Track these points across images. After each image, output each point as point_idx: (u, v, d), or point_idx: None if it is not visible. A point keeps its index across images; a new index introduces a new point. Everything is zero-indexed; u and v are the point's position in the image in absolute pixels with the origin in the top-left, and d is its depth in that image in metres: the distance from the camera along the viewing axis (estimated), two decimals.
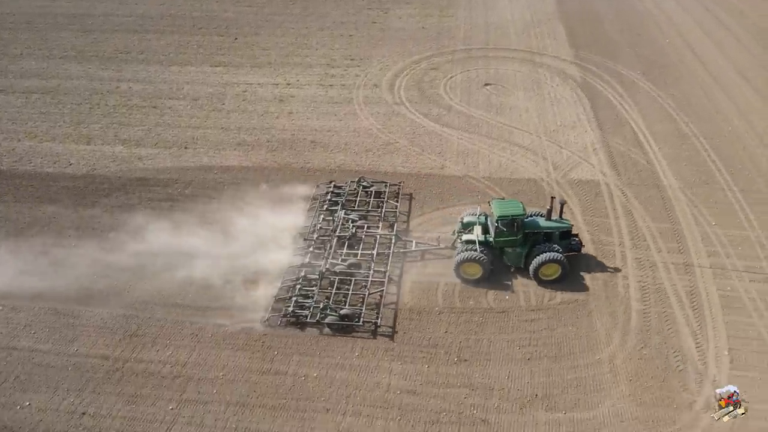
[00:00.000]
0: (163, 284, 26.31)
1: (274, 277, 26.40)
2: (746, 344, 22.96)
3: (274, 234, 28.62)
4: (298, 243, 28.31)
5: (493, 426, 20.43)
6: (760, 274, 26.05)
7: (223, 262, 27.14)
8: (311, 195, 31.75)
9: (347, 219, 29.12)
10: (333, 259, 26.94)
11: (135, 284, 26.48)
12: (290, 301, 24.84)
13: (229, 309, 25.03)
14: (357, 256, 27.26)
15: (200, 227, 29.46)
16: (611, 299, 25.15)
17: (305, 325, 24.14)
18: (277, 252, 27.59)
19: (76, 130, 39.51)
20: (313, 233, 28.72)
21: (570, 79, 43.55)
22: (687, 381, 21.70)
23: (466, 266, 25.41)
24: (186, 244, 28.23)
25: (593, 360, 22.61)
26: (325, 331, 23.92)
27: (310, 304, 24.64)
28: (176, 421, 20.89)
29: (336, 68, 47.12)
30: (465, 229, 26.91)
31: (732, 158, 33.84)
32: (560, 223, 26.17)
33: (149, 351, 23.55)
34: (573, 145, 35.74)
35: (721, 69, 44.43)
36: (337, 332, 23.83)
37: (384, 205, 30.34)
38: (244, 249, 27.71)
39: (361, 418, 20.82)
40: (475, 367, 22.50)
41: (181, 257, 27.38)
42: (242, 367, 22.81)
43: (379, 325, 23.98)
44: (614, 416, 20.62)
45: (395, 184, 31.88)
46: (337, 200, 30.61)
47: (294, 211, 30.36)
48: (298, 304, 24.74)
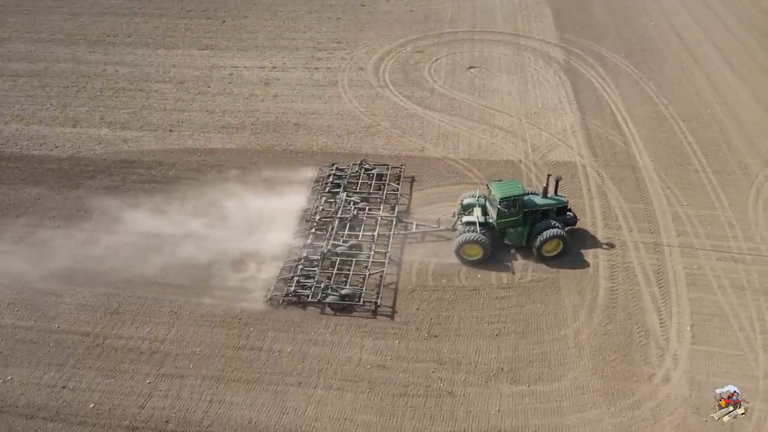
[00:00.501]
0: (145, 264, 26.86)
1: (263, 259, 26.78)
2: (708, 320, 23.63)
3: (260, 216, 29.04)
4: (286, 224, 28.69)
5: (459, 398, 21.15)
6: (727, 253, 26.65)
7: (206, 243, 27.65)
8: (313, 177, 32.07)
9: (349, 201, 29.51)
10: (334, 240, 27.34)
11: (117, 264, 27.04)
12: (292, 281, 25.30)
13: (211, 289, 25.58)
14: (358, 237, 27.70)
15: (183, 209, 29.96)
16: (580, 277, 25.78)
17: (306, 305, 24.61)
18: (267, 234, 27.99)
19: (63, 113, 39.87)
20: (315, 215, 29.08)
21: (554, 62, 43.81)
22: (648, 355, 22.39)
23: (467, 248, 25.87)
24: (168, 225, 28.78)
25: (559, 335, 23.28)
26: (327, 310, 24.39)
27: (311, 284, 25.10)
28: (153, 395, 21.60)
29: (322, 51, 47.32)
30: (465, 211, 27.34)
31: (708, 141, 34.28)
32: (556, 200, 26.75)
33: (129, 328, 24.21)
34: (553, 127, 36.15)
35: (706, 53, 44.65)
36: (337, 312, 24.32)
37: (385, 188, 30.70)
38: (230, 231, 28.17)
39: (331, 391, 21.53)
40: (444, 342, 23.17)
41: (164, 238, 27.92)
42: (219, 343, 23.49)
43: (379, 305, 24.47)
44: (576, 388, 21.34)
45: (397, 166, 32.33)
46: (340, 182, 30.97)
47: (279, 194, 30.73)
48: (300, 284, 25.20)
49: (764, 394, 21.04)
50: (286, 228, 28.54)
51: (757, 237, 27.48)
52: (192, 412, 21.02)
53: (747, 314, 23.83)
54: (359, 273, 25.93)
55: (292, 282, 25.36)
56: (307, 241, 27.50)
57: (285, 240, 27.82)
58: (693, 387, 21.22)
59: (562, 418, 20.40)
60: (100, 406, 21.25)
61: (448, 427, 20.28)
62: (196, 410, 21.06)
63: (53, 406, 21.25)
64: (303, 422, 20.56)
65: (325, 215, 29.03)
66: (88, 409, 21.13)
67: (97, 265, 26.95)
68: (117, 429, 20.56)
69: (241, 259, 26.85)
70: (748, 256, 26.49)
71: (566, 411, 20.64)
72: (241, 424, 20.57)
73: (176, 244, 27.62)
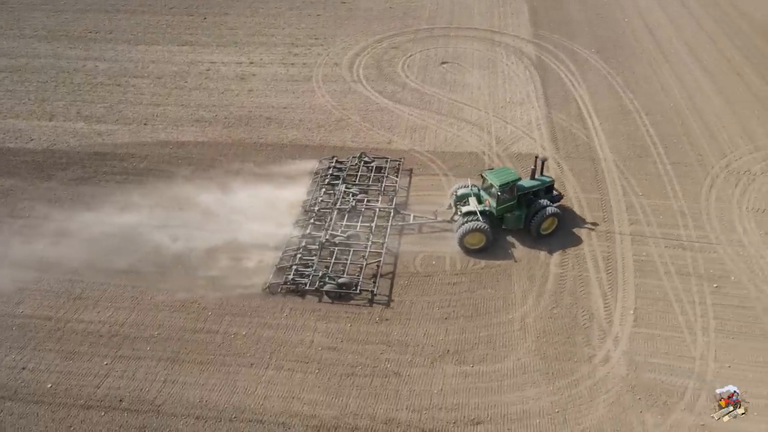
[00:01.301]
0: (110, 252, 27.48)
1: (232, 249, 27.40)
2: (652, 304, 24.34)
3: (227, 207, 29.73)
4: (249, 215, 29.27)
5: (404, 378, 21.85)
6: (676, 241, 27.37)
7: (173, 232, 28.31)
8: (313, 170, 32.58)
9: (348, 192, 30.12)
10: (333, 230, 27.96)
11: (83, 252, 27.64)
12: (290, 270, 25.81)
13: (175, 276, 26.26)
14: (356, 228, 28.31)
15: (152, 199, 30.64)
16: (532, 264, 26.49)
17: (305, 293, 25.15)
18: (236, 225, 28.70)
19: (40, 107, 40.55)
20: (314, 206, 29.66)
21: (525, 58, 44.51)
22: (591, 337, 23.11)
23: (469, 237, 26.49)
24: (136, 215, 29.48)
25: (506, 319, 23.99)
26: (324, 299, 24.94)
27: (309, 273, 25.67)
28: (109, 375, 22.29)
29: (300, 47, 48.01)
30: (460, 202, 28.06)
31: (669, 133, 34.99)
32: (544, 180, 27.88)
33: (90, 312, 24.91)
34: (518, 120, 36.85)
35: (675, 49, 45.37)
36: (335, 300, 24.85)
37: (384, 180, 31.32)
38: (198, 222, 28.88)
39: (282, 372, 22.23)
40: (394, 326, 23.87)
41: (132, 227, 28.61)
42: (177, 327, 24.18)
43: (376, 294, 25.07)
44: (518, 368, 22.04)
45: (396, 160, 32.96)
46: (339, 174, 31.62)
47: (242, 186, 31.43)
48: (298, 272, 25.73)
49: (700, 374, 21.72)
50: (254, 218, 29.12)
51: (707, 226, 28.18)
52: (146, 391, 21.69)
53: (689, 299, 24.54)
54: (356, 262, 26.45)
55: (290, 270, 25.79)
56: (306, 231, 27.96)
57: (256, 229, 28.35)
58: (630, 367, 21.93)
59: (501, 396, 21.10)
60: (57, 386, 21.92)
61: (391, 405, 20.96)
62: (150, 389, 21.74)
63: (12, 386, 21.92)
64: (252, 401, 21.24)
65: (324, 206, 29.48)
66: (45, 389, 21.80)
67: (63, 253, 27.58)
68: (72, 408, 21.21)
69: (209, 248, 27.36)
70: (696, 244, 27.20)
71: (506, 390, 21.33)
72: (192, 403, 21.25)
73: (143, 233, 28.28)
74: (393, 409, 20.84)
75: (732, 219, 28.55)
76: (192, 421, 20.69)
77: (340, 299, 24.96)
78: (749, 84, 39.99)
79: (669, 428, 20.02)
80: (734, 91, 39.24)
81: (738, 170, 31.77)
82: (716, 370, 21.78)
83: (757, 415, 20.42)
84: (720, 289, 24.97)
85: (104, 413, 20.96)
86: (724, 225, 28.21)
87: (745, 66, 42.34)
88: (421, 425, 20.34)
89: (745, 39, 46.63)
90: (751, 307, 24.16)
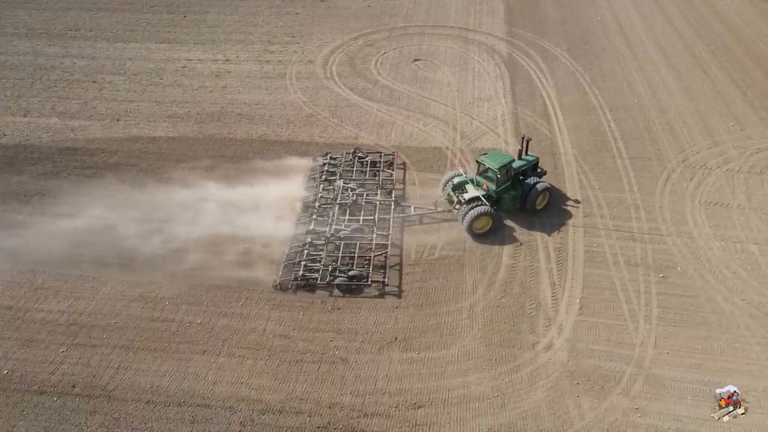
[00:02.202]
0: (75, 245, 27.99)
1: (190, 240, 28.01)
2: (598, 293, 24.94)
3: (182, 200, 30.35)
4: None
5: (351, 364, 22.43)
6: (627, 233, 27.97)
7: (141, 225, 28.87)
8: (309, 166, 32.95)
9: (346, 188, 30.46)
10: (336, 225, 28.30)
11: (47, 244, 28.18)
12: (299, 265, 26.07)
13: (136, 267, 26.81)
14: (359, 221, 28.74)
15: (121, 193, 31.21)
16: (485, 255, 27.07)
17: (315, 288, 25.50)
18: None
19: (16, 104, 41.04)
20: (314, 202, 29.97)
21: (497, 55, 45.09)
22: (536, 325, 23.69)
23: (477, 222, 27.26)
24: (103, 208, 30.04)
25: (455, 308, 24.56)
26: (335, 292, 25.29)
27: (319, 267, 26.05)
28: (64, 362, 22.83)
29: (276, 45, 48.55)
30: (457, 190, 28.78)
31: (630, 129, 35.59)
32: (531, 158, 29.42)
33: (50, 302, 25.43)
34: (484, 116, 37.44)
35: (644, 46, 45.97)
36: (345, 293, 25.26)
37: (380, 174, 31.83)
38: (164, 215, 29.45)
39: (233, 358, 22.80)
40: (346, 314, 24.43)
41: (96, 219, 29.20)
42: (133, 316, 24.72)
43: (387, 284, 25.51)
44: (462, 355, 22.62)
45: (389, 154, 33.50)
46: (335, 170, 31.97)
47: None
48: (307, 267, 26.03)
49: (639, 360, 22.32)
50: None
51: (659, 218, 28.78)
52: (99, 377, 22.24)
53: (635, 288, 25.14)
54: (363, 255, 26.86)
55: (300, 266, 26.04)
56: (310, 227, 28.21)
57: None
58: (572, 354, 22.51)
59: (444, 381, 21.68)
60: (13, 373, 22.46)
61: (336, 390, 21.54)
62: (103, 376, 22.29)
63: None
64: (202, 386, 21.80)
65: (324, 202, 29.77)
66: (1, 375, 22.35)
67: (27, 245, 28.11)
68: (26, 393, 21.75)
69: (168, 238, 27.99)
70: (647, 236, 27.80)
71: (449, 375, 21.91)
72: (143, 388, 21.80)
73: (109, 226, 28.83)
74: (338, 394, 21.41)
75: (684, 212, 29.15)
76: (142, 405, 21.24)
77: (351, 292, 25.28)
78: (714, 81, 40.61)
79: (604, 411, 20.60)
80: (698, 87, 39.85)
81: (694, 165, 32.37)
82: (654, 356, 22.37)
83: (691, 399, 20.97)
84: (666, 279, 25.57)
85: (57, 398, 21.50)
86: (675, 218, 28.81)
87: (712, 63, 42.96)
88: (364, 409, 20.91)
89: (715, 37, 47.24)
90: (694, 296, 24.76)
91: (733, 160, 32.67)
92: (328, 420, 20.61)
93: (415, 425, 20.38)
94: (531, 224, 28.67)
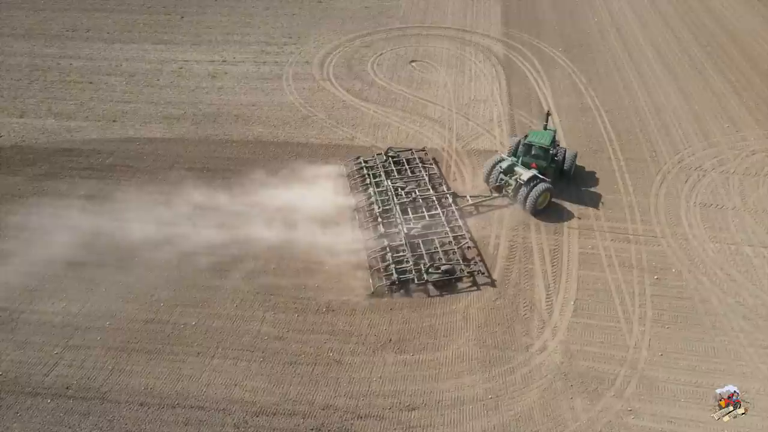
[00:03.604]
0: (70, 246, 27.97)
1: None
2: (592, 295, 24.99)
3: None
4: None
5: (345, 366, 22.45)
6: (622, 234, 28.01)
7: (132, 225, 28.93)
8: (337, 172, 32.51)
9: (395, 188, 30.23)
10: (407, 224, 28.08)
11: (43, 245, 28.17)
12: (390, 269, 25.72)
13: (131, 267, 26.87)
14: (425, 218, 28.71)
15: (118, 193, 31.26)
16: (481, 256, 27.06)
17: (409, 288, 25.38)
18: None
19: (12, 105, 41.00)
20: (372, 205, 29.65)
21: (493, 56, 45.14)
22: (530, 327, 23.73)
23: (541, 198, 28.42)
24: (99, 208, 30.09)
25: (450, 309, 24.58)
26: (432, 291, 25.20)
27: (409, 268, 25.92)
28: (58, 364, 22.83)
29: (273, 46, 48.54)
30: (508, 174, 29.48)
31: (626, 129, 35.67)
32: (553, 131, 30.60)
33: (45, 303, 25.41)
34: (480, 117, 37.49)
35: (640, 47, 46.05)
36: (441, 290, 25.19)
37: (422, 170, 31.85)
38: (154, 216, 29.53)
39: (227, 360, 22.80)
40: (340, 316, 24.45)
41: (94, 219, 29.24)
42: (128, 317, 24.71)
43: (482, 272, 25.79)
44: (456, 357, 22.65)
45: (420, 150, 33.59)
46: (376, 173, 31.63)
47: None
48: (398, 270, 25.80)
49: (632, 362, 22.36)
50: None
51: (654, 220, 28.85)
52: (93, 379, 22.24)
53: (630, 290, 25.20)
54: (445, 249, 26.94)
55: (391, 270, 25.71)
56: (380, 231, 27.93)
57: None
58: (566, 356, 22.56)
59: (438, 384, 21.70)
60: (7, 375, 22.45)
61: (331, 392, 21.56)
62: (97, 378, 22.28)
63: None
64: (195, 388, 21.81)
65: (384, 205, 29.41)
66: None
67: (21, 245, 28.10)
68: (20, 395, 21.74)
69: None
70: (642, 237, 27.86)
71: (443, 377, 21.94)
72: (137, 390, 21.80)
73: (104, 224, 28.85)
74: (332, 396, 21.43)
75: (679, 213, 29.21)
76: (135, 407, 21.24)
77: (445, 288, 25.31)
78: (708, 81, 40.72)
79: (597, 413, 20.63)
80: (693, 88, 39.96)
81: (690, 166, 32.44)
82: (648, 358, 22.41)
83: (684, 401, 21.01)
84: (660, 280, 25.63)
85: (50, 400, 21.50)
86: (670, 219, 28.87)
87: (708, 64, 43.07)
88: (358, 411, 20.93)
89: (711, 38, 47.35)
90: (688, 298, 24.82)
91: (728, 161, 32.75)
92: (322, 422, 20.62)
93: (409, 427, 20.40)
94: (526, 226, 28.67)
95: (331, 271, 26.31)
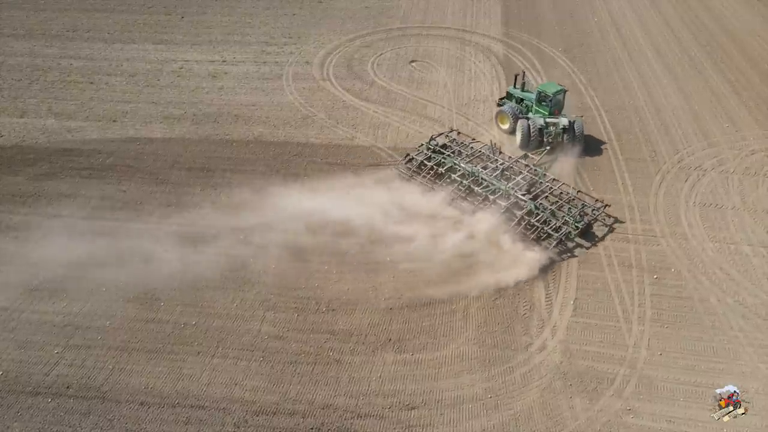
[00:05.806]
0: (69, 243, 28.05)
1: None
2: (591, 294, 25.03)
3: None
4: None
5: (345, 365, 22.50)
6: (621, 234, 28.04)
7: (127, 225, 29.01)
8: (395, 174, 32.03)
9: (484, 163, 31.08)
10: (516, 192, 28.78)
11: (42, 244, 28.25)
12: (546, 234, 26.99)
13: (126, 264, 26.85)
14: (520, 185, 29.28)
15: (119, 193, 31.41)
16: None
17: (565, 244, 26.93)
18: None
19: (13, 104, 41.06)
20: (475, 187, 29.53)
21: (493, 56, 45.19)
22: (529, 327, 23.77)
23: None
24: (98, 208, 30.14)
25: (449, 309, 24.62)
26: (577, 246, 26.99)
27: (558, 226, 27.02)
28: (59, 363, 22.87)
29: (273, 46, 48.60)
30: (546, 129, 32.54)
31: (626, 129, 35.71)
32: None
33: (45, 303, 25.47)
34: (480, 117, 37.55)
35: (640, 47, 46.11)
36: (584, 238, 27.32)
37: (470, 147, 32.59)
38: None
39: (227, 360, 22.86)
40: (340, 315, 24.51)
41: (92, 219, 29.31)
42: (129, 317, 24.76)
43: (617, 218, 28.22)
44: (456, 357, 22.70)
45: (453, 130, 34.26)
46: (442, 161, 31.33)
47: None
48: (552, 228, 27.09)
49: (632, 361, 22.41)
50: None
51: (654, 219, 28.89)
52: (93, 378, 22.29)
53: (629, 289, 25.24)
54: (564, 205, 28.25)
55: (547, 230, 27.07)
56: (501, 206, 28.25)
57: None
58: (565, 355, 22.60)
59: (437, 383, 21.75)
60: (8, 374, 22.50)
61: (330, 391, 21.61)
62: (98, 377, 22.33)
63: None
64: (196, 387, 21.86)
65: (484, 185, 29.54)
66: None
67: (21, 246, 28.17)
68: (20, 395, 21.78)
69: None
70: (641, 237, 27.89)
71: (443, 377, 21.99)
72: (138, 389, 21.86)
73: (104, 224, 28.93)
74: (332, 395, 21.48)
75: (678, 213, 29.25)
76: (136, 406, 21.29)
77: (585, 235, 27.51)
78: (709, 82, 40.76)
79: (596, 412, 20.68)
80: (693, 88, 40.02)
81: (689, 166, 32.49)
82: (647, 357, 22.45)
83: (683, 400, 21.06)
84: (660, 280, 25.67)
85: (51, 399, 21.55)
86: (669, 219, 28.91)
87: (706, 63, 43.16)
88: (358, 410, 20.98)
89: (710, 38, 47.41)
90: (687, 298, 24.86)
91: (728, 161, 32.80)
92: (322, 421, 20.67)
93: (409, 426, 20.45)
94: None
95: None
